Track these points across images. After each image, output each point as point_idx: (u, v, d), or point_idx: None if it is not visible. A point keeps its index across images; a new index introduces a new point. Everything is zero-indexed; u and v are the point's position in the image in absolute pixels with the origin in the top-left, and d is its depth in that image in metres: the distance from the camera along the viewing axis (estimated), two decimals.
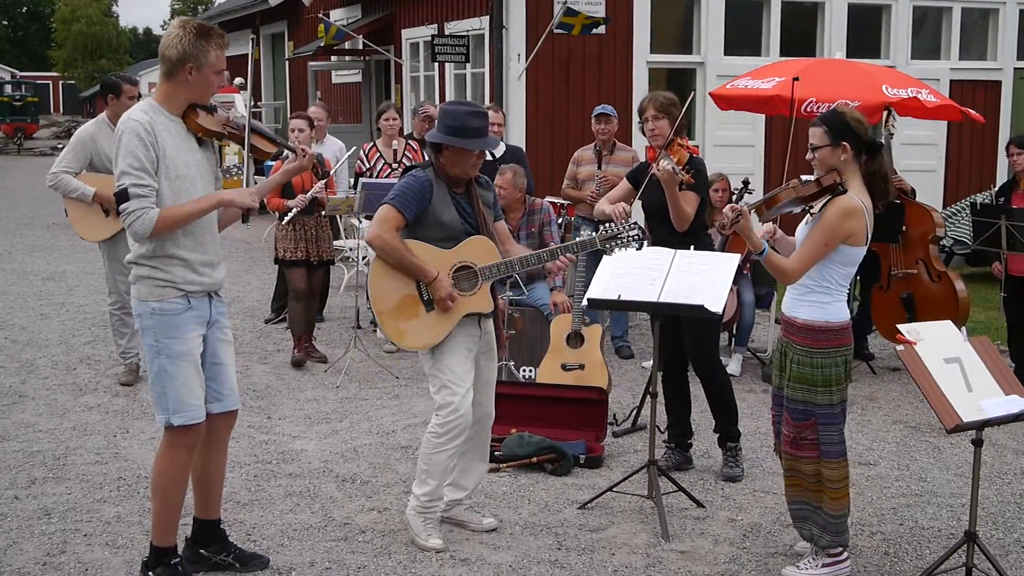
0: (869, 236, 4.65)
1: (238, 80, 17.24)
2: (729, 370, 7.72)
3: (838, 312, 4.66)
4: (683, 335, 6.14)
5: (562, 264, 5.21)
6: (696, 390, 6.71)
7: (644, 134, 6.27)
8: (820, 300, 4.64)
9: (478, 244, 5.05)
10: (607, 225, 5.19)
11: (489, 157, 8.95)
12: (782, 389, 4.81)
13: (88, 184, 7.57)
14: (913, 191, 8.59)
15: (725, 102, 9.43)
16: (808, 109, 8.52)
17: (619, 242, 5.13)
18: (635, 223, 5.20)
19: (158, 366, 4.42)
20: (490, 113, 9.12)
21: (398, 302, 5.01)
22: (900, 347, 4.55)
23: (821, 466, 4.73)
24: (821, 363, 4.64)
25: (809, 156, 4.70)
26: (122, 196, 4.28)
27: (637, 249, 5.17)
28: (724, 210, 4.76)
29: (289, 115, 9.73)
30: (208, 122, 4.51)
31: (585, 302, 5.83)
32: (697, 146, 6.34)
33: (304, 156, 4.90)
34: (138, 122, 4.28)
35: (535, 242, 7.95)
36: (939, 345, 4.59)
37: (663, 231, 6.00)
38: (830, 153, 4.63)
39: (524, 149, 10.23)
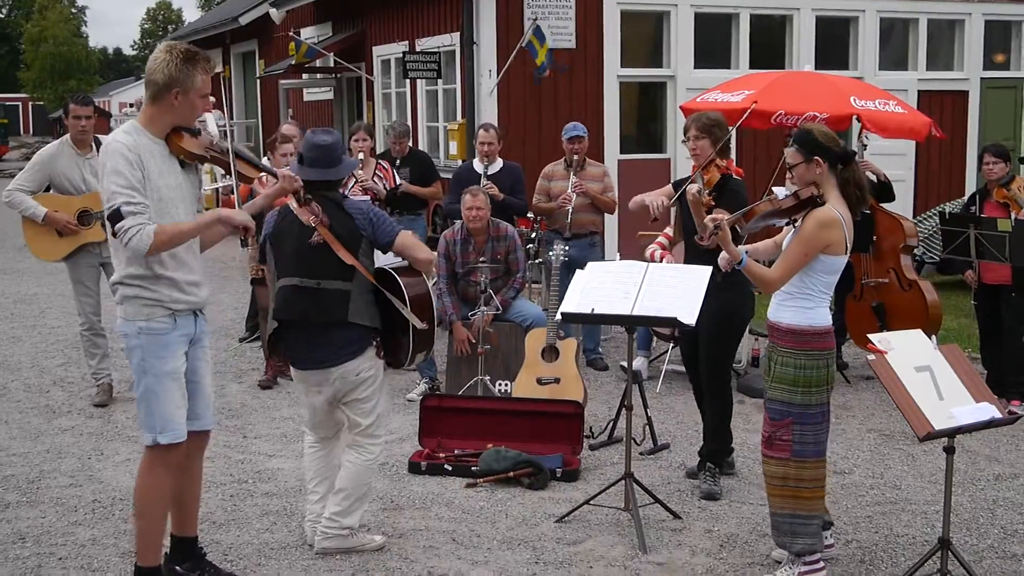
0: (849, 245, 4.78)
1: (211, 99, 17.11)
2: None
3: (820, 317, 4.80)
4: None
5: None
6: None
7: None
8: (802, 305, 4.79)
9: None
10: None
11: (480, 171, 8.99)
12: None
13: (45, 205, 7.54)
14: (887, 177, 8.54)
15: None
16: (777, 120, 8.59)
17: None
18: None
19: (145, 385, 4.46)
20: (481, 132, 9.22)
21: None
22: (871, 356, 4.61)
23: (791, 467, 4.82)
24: (804, 364, 4.76)
25: (788, 175, 4.85)
26: (115, 216, 4.27)
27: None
28: (704, 221, 4.86)
29: (264, 135, 9.63)
30: (191, 145, 4.53)
31: (559, 316, 5.85)
32: (741, 168, 6.32)
33: (286, 180, 4.87)
34: (122, 143, 4.31)
35: (501, 270, 7.96)
36: (909, 354, 4.64)
37: (698, 250, 5.77)
38: (806, 169, 4.80)
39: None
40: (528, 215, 9.36)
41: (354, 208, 5.01)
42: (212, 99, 5.26)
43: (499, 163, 9.15)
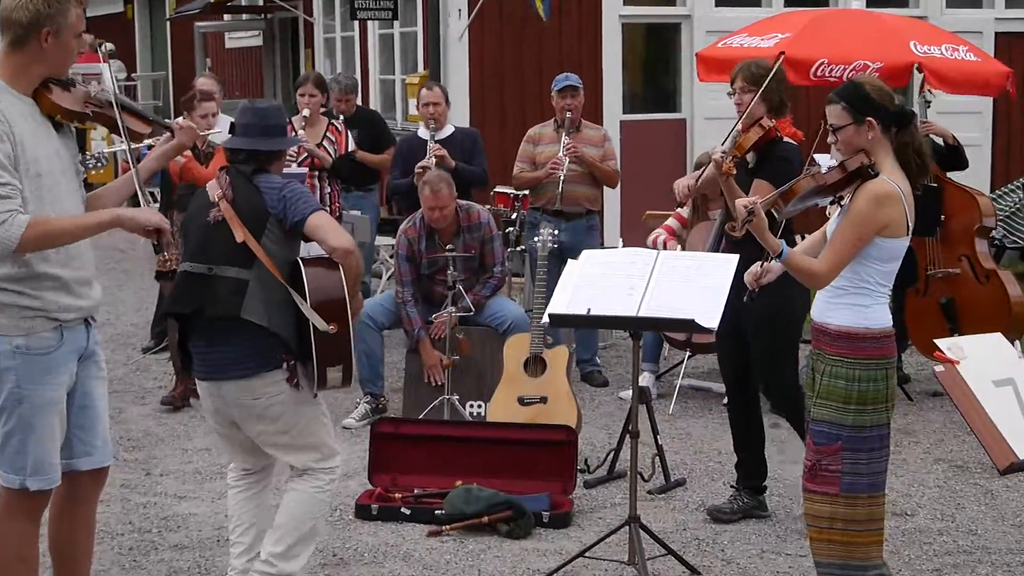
0: (910, 225, 4.76)
1: (108, 46, 17.00)
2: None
3: (879, 317, 4.77)
4: (750, 351, 6.16)
5: None
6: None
7: None
8: (857, 303, 4.75)
9: None
10: None
11: (426, 138, 8.95)
12: None
13: None
14: (957, 141, 8.51)
15: (712, 70, 9.41)
16: (818, 73, 8.56)
17: None
18: None
19: (19, 417, 4.36)
20: (424, 92, 9.20)
21: None
22: (939, 367, 4.58)
23: (840, 504, 4.78)
24: (859, 376, 4.73)
25: (831, 139, 4.81)
26: None
27: None
28: (736, 205, 4.86)
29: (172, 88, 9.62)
30: (66, 100, 4.44)
31: (546, 318, 5.80)
32: (800, 131, 6.35)
33: (183, 132, 4.83)
34: None
35: (475, 264, 7.91)
36: (987, 364, 4.63)
37: (732, 239, 5.64)
38: (855, 132, 4.75)
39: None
40: (504, 189, 9.33)
41: (267, 183, 4.94)
42: (111, 46, 5.15)
43: (449, 128, 9.14)
